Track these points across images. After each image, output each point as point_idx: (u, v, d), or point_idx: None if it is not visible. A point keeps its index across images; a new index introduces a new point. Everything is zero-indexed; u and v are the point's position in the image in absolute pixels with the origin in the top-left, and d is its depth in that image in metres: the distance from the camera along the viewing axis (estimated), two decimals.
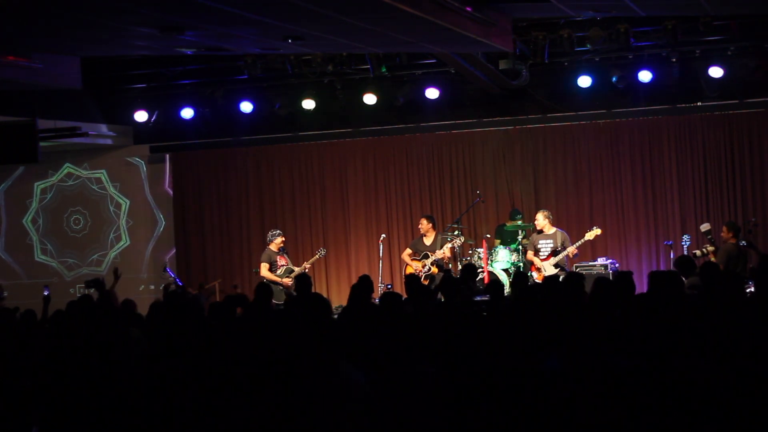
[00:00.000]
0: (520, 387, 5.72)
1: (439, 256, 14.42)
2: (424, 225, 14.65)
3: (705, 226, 13.70)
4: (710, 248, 13.19)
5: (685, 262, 10.83)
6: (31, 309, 9.13)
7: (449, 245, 14.46)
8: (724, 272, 10.30)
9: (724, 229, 13.26)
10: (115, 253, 17.50)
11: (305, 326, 6.00)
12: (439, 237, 14.68)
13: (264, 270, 14.38)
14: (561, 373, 5.75)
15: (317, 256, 14.90)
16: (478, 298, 12.08)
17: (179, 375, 6.66)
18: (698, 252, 13.37)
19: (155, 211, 17.52)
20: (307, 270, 14.35)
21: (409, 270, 14.60)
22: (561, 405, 5.57)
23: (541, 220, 14.12)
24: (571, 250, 13.83)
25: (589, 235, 13.92)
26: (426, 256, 14.46)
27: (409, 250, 14.83)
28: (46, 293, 10.23)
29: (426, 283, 13.65)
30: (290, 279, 14.20)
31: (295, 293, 13.17)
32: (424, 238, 14.71)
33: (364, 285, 9.54)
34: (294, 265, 14.67)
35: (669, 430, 5.46)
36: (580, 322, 6.92)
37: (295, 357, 5.73)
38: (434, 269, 14.31)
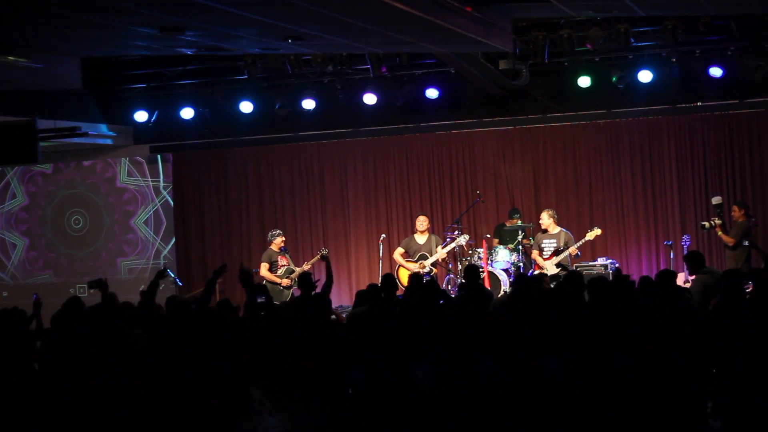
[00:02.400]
0: (520, 387, 5.72)
1: (441, 257, 14.36)
2: (425, 223, 14.59)
3: (717, 199, 13.60)
4: (718, 221, 13.12)
5: (694, 258, 10.77)
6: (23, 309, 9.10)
7: (451, 246, 14.40)
8: (726, 272, 10.26)
9: (735, 208, 13.33)
10: (128, 262, 17.50)
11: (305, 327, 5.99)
12: (433, 237, 14.62)
13: (264, 270, 14.35)
14: (561, 373, 5.76)
15: (318, 256, 14.86)
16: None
17: (180, 376, 6.66)
18: (706, 224, 13.34)
19: (154, 212, 17.51)
20: (307, 270, 14.31)
21: (403, 272, 14.51)
22: (561, 405, 5.57)
23: (546, 219, 14.11)
24: (572, 249, 13.82)
25: (590, 235, 13.91)
26: (423, 257, 14.40)
27: (401, 250, 14.74)
28: (35, 298, 10.19)
29: None
30: (290, 279, 14.19)
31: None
32: (416, 237, 14.64)
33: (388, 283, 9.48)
34: (295, 265, 14.64)
35: (668, 430, 5.46)
36: (579, 322, 6.92)
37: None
38: (435, 270, 14.28)
